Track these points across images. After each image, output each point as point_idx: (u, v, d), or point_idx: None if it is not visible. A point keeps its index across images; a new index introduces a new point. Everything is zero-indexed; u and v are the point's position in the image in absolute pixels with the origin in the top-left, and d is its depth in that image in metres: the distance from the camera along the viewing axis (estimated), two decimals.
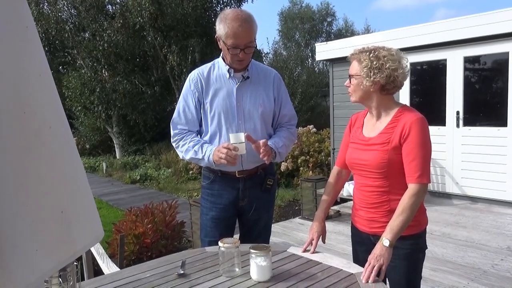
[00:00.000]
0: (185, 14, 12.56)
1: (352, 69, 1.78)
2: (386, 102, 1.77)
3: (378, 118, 1.79)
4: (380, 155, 1.70)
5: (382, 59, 1.68)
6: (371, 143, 1.75)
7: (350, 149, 1.87)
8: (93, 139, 14.94)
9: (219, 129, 2.08)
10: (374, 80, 1.69)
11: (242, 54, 1.98)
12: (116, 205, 7.25)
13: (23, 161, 0.69)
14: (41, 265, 0.68)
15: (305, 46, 27.98)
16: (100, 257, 2.98)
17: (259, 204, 2.17)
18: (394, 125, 1.71)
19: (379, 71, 1.68)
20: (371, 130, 1.80)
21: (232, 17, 1.94)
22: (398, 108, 1.75)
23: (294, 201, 6.65)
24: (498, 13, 5.22)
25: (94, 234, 0.83)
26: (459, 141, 5.82)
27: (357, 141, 1.84)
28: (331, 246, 4.15)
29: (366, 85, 1.71)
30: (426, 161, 1.66)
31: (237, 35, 1.93)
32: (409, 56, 1.77)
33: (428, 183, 1.67)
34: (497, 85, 5.74)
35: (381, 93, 1.74)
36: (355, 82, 1.76)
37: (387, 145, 1.69)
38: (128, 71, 13.55)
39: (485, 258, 3.69)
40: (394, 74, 1.68)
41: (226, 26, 1.94)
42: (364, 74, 1.70)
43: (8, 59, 0.70)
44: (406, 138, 1.66)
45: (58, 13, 13.45)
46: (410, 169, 1.66)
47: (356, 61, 1.75)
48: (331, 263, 1.67)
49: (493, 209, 5.31)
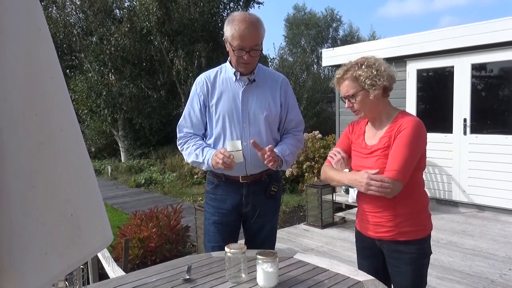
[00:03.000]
0: (192, 19, 12.65)
1: (349, 89, 1.78)
2: (387, 107, 1.81)
3: (380, 125, 1.82)
4: (381, 160, 1.72)
5: (374, 65, 1.74)
6: (373, 149, 1.78)
7: (354, 157, 1.89)
8: (98, 142, 15.01)
9: (223, 132, 2.07)
10: (381, 86, 1.73)
11: (247, 56, 1.96)
12: (120, 208, 7.26)
13: (34, 163, 0.69)
14: (50, 268, 0.68)
15: (311, 52, 28.02)
16: (105, 260, 2.98)
17: (263, 211, 2.15)
18: (392, 128, 1.74)
19: (381, 76, 1.73)
20: (372, 138, 1.82)
21: (240, 19, 1.94)
22: (397, 113, 1.80)
23: (299, 207, 6.62)
24: (506, 20, 5.20)
25: (104, 238, 0.82)
26: (466, 149, 5.77)
27: (359, 149, 1.86)
28: (336, 253, 4.12)
29: (375, 93, 1.74)
30: (407, 162, 1.67)
31: (243, 37, 1.92)
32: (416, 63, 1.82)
33: (402, 183, 1.66)
34: (505, 92, 5.71)
35: (383, 97, 1.78)
36: (359, 98, 1.76)
37: (387, 149, 1.72)
38: (134, 75, 13.64)
39: (492, 268, 3.64)
40: (390, 72, 1.76)
41: (233, 28, 1.93)
42: (370, 85, 1.73)
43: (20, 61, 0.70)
44: (398, 135, 1.70)
45: (66, 17, 13.60)
46: (390, 163, 1.68)
47: (350, 80, 1.77)
48: (338, 270, 1.65)
49: (501, 218, 5.25)
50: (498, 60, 5.48)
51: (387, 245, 1.79)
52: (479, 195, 5.67)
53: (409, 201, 1.74)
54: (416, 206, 1.76)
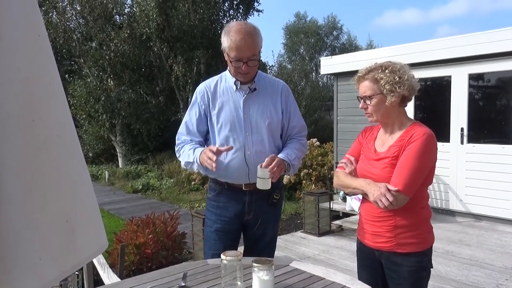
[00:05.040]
0: (192, 25, 12.71)
1: (367, 90, 1.75)
2: (402, 116, 1.78)
3: (392, 133, 1.79)
4: (388, 169, 1.70)
5: (398, 72, 1.70)
6: (381, 157, 1.75)
7: (361, 161, 1.87)
8: (96, 147, 14.98)
9: (226, 141, 2.07)
10: (400, 94, 1.70)
11: (245, 67, 1.97)
12: (117, 214, 7.23)
13: (30, 169, 0.69)
14: (45, 274, 0.68)
15: (310, 60, 28.14)
16: (101, 266, 2.96)
17: (265, 219, 2.15)
18: (403, 138, 1.71)
19: (401, 84, 1.69)
20: (382, 145, 1.80)
21: (236, 30, 1.94)
22: (411, 123, 1.77)
23: (296, 215, 6.60)
24: (503, 31, 5.24)
25: (99, 244, 0.82)
26: (463, 158, 5.79)
27: (368, 154, 1.84)
28: (333, 261, 4.11)
29: (392, 100, 1.71)
30: (415, 175, 1.64)
31: (240, 48, 1.92)
32: (413, 72, 1.79)
33: (408, 196, 1.64)
34: (502, 102, 5.74)
35: (400, 106, 1.76)
36: (375, 101, 1.74)
37: (395, 159, 1.69)
38: (133, 80, 13.67)
39: (489, 278, 3.64)
40: (413, 83, 1.72)
41: (229, 39, 1.94)
42: (388, 90, 1.70)
43: (19, 67, 0.70)
44: (407, 146, 1.67)
45: (67, 22, 13.64)
46: (397, 174, 1.65)
47: (370, 81, 1.74)
48: (334, 279, 1.65)
49: (498, 228, 5.25)
50: (495, 70, 5.51)
51: (385, 256, 1.77)
52: (476, 204, 5.67)
53: (409, 213, 1.71)
54: (417, 218, 1.72)
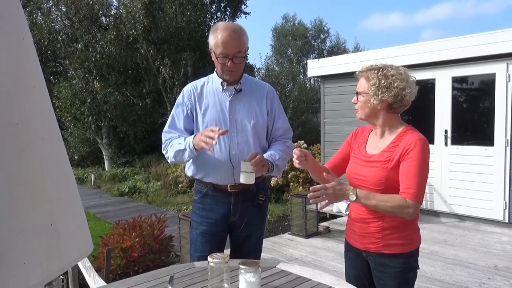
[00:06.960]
0: (179, 28, 12.67)
1: (359, 87, 1.79)
2: (391, 121, 1.78)
3: (382, 136, 1.80)
4: (379, 173, 1.71)
5: (391, 78, 1.69)
6: (373, 160, 1.76)
7: (351, 163, 1.87)
8: (82, 150, 14.79)
9: None
10: (382, 99, 1.70)
11: (231, 63, 2.01)
12: (103, 217, 7.15)
13: (14, 172, 0.69)
14: (28, 278, 0.67)
15: (297, 62, 28.28)
16: (86, 270, 2.93)
17: (250, 220, 2.16)
18: (396, 144, 1.72)
19: (387, 89, 1.69)
20: (374, 148, 1.81)
21: (222, 27, 2.01)
22: (402, 127, 1.77)
23: (283, 217, 6.62)
24: (485, 35, 5.36)
25: (84, 248, 0.82)
26: (447, 160, 5.89)
27: (359, 156, 1.84)
28: (320, 263, 4.13)
29: (373, 103, 1.72)
30: (423, 182, 1.66)
31: (226, 44, 1.97)
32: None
33: (420, 203, 1.66)
34: (484, 105, 5.86)
35: (388, 112, 1.75)
36: (362, 99, 1.76)
37: (388, 163, 1.70)
38: (120, 82, 13.54)
39: (472, 277, 3.70)
40: (402, 93, 1.70)
41: (216, 36, 2.00)
42: (372, 92, 1.71)
43: (2, 70, 0.70)
44: (407, 156, 1.66)
45: (52, 23, 13.47)
46: (407, 184, 1.64)
47: (364, 78, 1.76)
48: (321, 280, 1.66)
49: (481, 228, 5.35)
50: (478, 73, 5.63)
51: (372, 257, 1.79)
52: (460, 205, 5.78)
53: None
54: (404, 220, 1.72)
